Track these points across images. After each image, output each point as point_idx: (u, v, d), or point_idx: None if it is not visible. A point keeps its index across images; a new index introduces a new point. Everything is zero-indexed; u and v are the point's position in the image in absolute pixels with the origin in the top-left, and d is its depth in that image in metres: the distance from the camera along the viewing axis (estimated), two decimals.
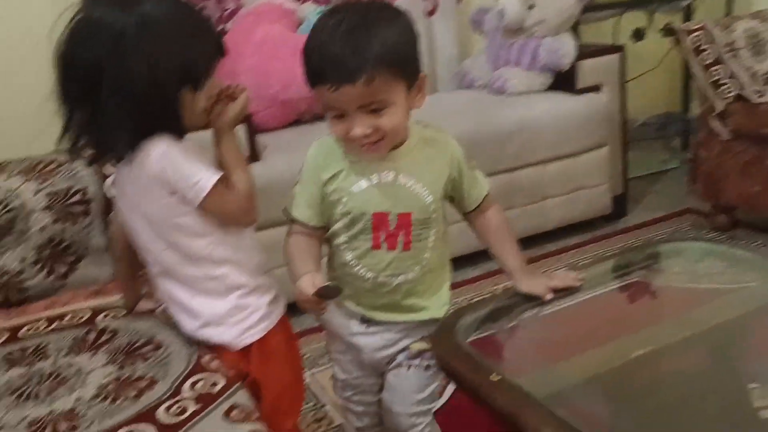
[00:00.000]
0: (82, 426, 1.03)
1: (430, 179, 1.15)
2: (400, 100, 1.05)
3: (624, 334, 1.31)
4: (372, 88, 1.00)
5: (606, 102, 2.63)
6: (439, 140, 1.18)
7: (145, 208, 1.16)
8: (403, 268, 1.16)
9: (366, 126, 1.04)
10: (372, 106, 1.03)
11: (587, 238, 2.68)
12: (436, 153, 1.16)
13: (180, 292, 1.21)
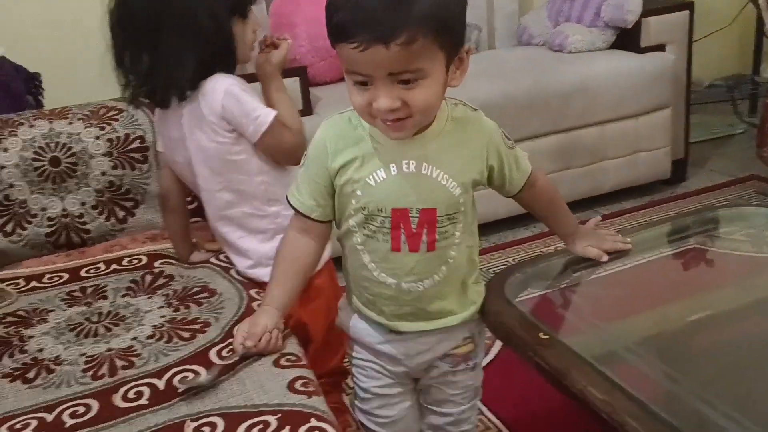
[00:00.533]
0: (138, 363, 1.07)
1: (459, 168, 0.97)
2: (438, 74, 0.87)
3: (680, 298, 1.28)
4: (409, 53, 0.82)
5: (671, 62, 2.53)
6: (473, 121, 1.00)
7: (205, 146, 1.20)
8: (428, 271, 0.99)
9: (393, 98, 0.85)
10: (404, 76, 0.85)
11: (643, 202, 2.61)
12: (469, 137, 0.98)
13: (233, 234, 1.27)
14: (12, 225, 1.45)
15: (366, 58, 0.83)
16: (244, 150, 1.21)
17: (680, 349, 1.10)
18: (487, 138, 1.00)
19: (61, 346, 1.13)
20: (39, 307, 1.26)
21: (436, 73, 0.87)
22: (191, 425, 0.91)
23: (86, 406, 0.98)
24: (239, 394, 0.97)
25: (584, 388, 0.91)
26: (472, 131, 0.99)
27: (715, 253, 1.47)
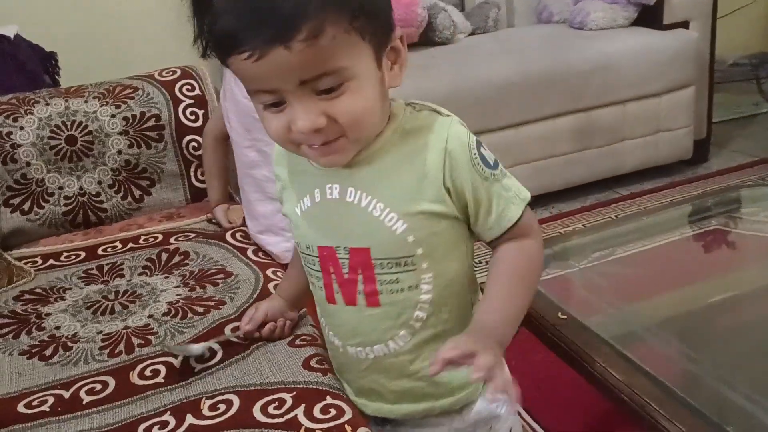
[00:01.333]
0: (155, 341, 1.07)
1: (400, 195, 0.72)
2: (368, 71, 0.68)
3: (700, 279, 1.26)
4: (319, 50, 0.62)
5: (694, 39, 2.47)
6: (428, 128, 0.73)
7: (239, 100, 1.24)
8: (377, 335, 0.77)
9: (315, 114, 0.66)
10: (323, 82, 0.65)
11: (664, 183, 2.57)
12: (417, 151, 0.72)
13: (252, 195, 1.31)
14: (29, 204, 1.45)
15: (266, 69, 0.63)
16: None
17: (700, 330, 1.09)
18: (446, 151, 0.72)
19: (78, 324, 1.14)
20: (56, 285, 1.26)
21: (364, 70, 0.67)
22: (207, 402, 0.91)
23: (103, 383, 0.98)
24: (255, 372, 0.97)
25: (603, 369, 0.90)
26: (422, 143, 0.72)
27: (736, 234, 1.45)
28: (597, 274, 1.22)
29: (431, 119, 0.74)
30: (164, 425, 0.88)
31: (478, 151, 0.72)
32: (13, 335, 1.11)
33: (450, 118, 0.74)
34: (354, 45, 0.65)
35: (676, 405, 0.84)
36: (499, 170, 0.74)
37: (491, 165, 0.73)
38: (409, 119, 0.74)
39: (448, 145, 0.72)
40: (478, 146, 0.73)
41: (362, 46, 0.66)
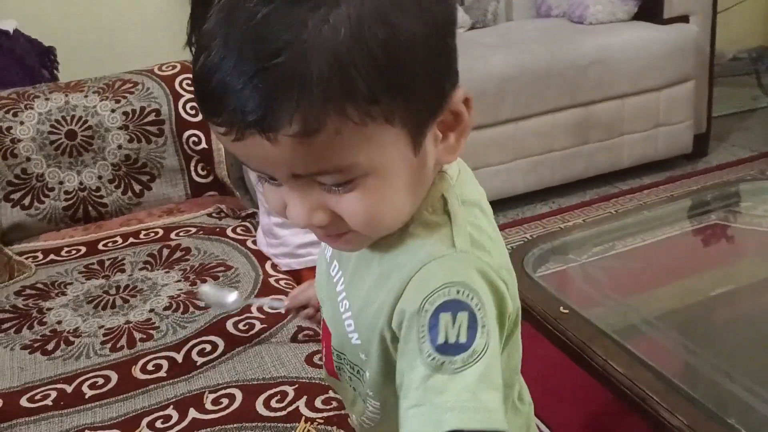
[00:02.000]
0: (156, 336, 1.07)
1: (363, 306, 0.57)
2: (395, 162, 0.50)
3: (700, 273, 1.27)
4: (316, 147, 0.46)
5: (694, 33, 2.47)
6: (419, 242, 0.54)
7: None
8: (350, 399, 0.67)
9: (313, 208, 0.51)
10: (323, 178, 0.49)
11: (664, 177, 2.57)
12: (398, 266, 0.54)
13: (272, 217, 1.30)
14: (29, 198, 1.45)
15: (248, 152, 0.48)
16: None
17: (701, 323, 1.09)
18: (403, 287, 0.52)
19: (80, 318, 1.14)
20: (57, 280, 1.27)
21: (389, 161, 0.49)
22: (210, 396, 0.92)
23: (105, 378, 0.98)
24: (257, 367, 0.97)
25: (605, 362, 0.90)
26: (405, 257, 0.54)
27: (736, 228, 1.46)
28: (598, 269, 1.23)
29: (435, 230, 0.54)
30: (167, 419, 0.89)
31: (436, 318, 0.49)
32: (15, 330, 1.12)
33: (451, 250, 0.52)
34: (373, 136, 0.47)
35: (677, 397, 0.84)
36: (455, 360, 0.48)
37: (448, 354, 0.48)
38: (426, 217, 0.55)
39: (409, 286, 0.52)
40: (446, 309, 0.49)
41: (389, 133, 0.48)
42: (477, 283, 0.51)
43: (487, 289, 0.51)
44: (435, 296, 0.50)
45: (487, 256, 0.53)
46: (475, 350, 0.48)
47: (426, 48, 0.48)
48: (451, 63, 0.52)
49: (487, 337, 0.49)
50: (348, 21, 0.45)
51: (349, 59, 0.44)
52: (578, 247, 1.24)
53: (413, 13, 0.47)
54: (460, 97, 0.52)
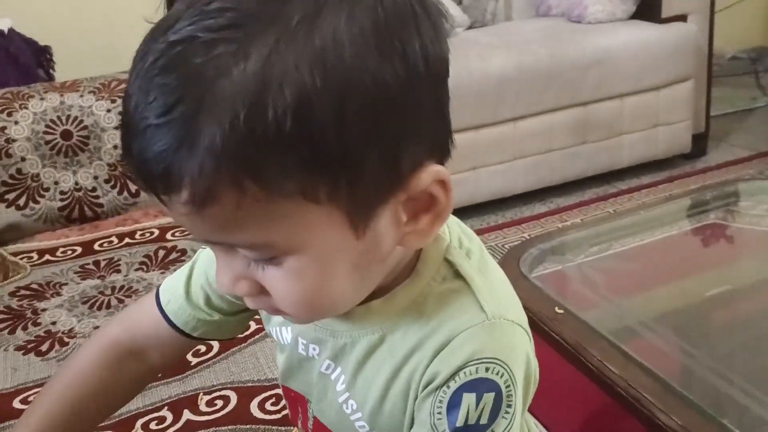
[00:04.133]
0: None
1: (386, 407, 0.50)
2: (327, 244, 0.42)
3: (697, 273, 1.26)
4: (215, 219, 0.39)
5: (693, 33, 2.47)
6: (442, 314, 0.48)
7: None
8: None
9: (233, 277, 0.44)
10: (242, 250, 0.43)
11: (662, 177, 2.57)
12: (420, 349, 0.48)
13: None
14: (25, 199, 1.44)
15: (173, 215, 0.41)
16: None
17: (697, 324, 1.09)
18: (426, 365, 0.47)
19: (75, 319, 1.13)
20: (52, 281, 1.26)
21: (321, 243, 0.42)
22: (204, 398, 0.91)
23: None
24: (252, 368, 0.97)
25: (600, 362, 0.90)
26: (426, 338, 0.47)
27: (734, 228, 1.45)
28: (594, 269, 1.22)
29: (454, 299, 0.47)
30: (162, 420, 0.88)
31: (458, 397, 0.45)
32: (9, 331, 1.11)
33: (481, 316, 0.46)
34: (289, 214, 0.39)
35: (673, 398, 0.84)
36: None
37: (467, 428, 0.45)
38: (438, 288, 0.48)
39: (435, 360, 0.46)
40: (472, 390, 0.45)
41: (315, 212, 0.40)
42: (511, 358, 0.45)
43: (521, 361, 0.46)
44: (461, 374, 0.44)
45: (519, 315, 0.48)
46: (493, 431, 0.45)
47: (378, 109, 0.38)
48: (421, 131, 0.42)
49: (510, 418, 0.45)
50: (268, 66, 0.36)
51: (253, 120, 0.36)
52: (575, 247, 1.23)
53: (377, 56, 0.38)
54: (430, 179, 0.42)
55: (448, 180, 0.43)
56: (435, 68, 0.43)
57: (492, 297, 0.47)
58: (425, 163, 0.42)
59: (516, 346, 0.46)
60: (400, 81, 0.39)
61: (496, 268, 0.51)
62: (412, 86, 0.40)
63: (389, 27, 0.39)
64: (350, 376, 0.52)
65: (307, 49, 0.37)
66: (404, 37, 0.40)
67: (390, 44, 0.39)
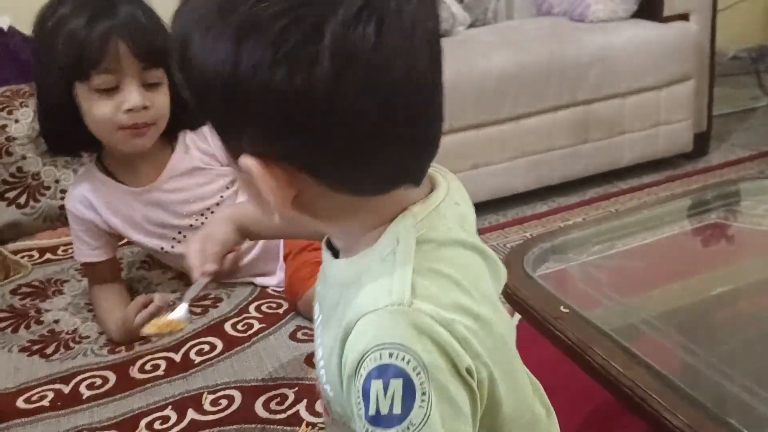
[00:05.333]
0: (154, 338, 1.06)
1: (328, 352, 0.54)
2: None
3: (700, 272, 1.26)
4: None
5: (694, 32, 2.47)
6: (359, 284, 0.51)
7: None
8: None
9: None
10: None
11: (664, 176, 2.57)
12: (345, 314, 0.51)
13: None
14: (25, 197, 1.44)
15: None
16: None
17: (701, 323, 1.09)
18: (345, 338, 0.49)
19: (78, 320, 1.13)
20: (53, 278, 1.26)
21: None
22: (209, 397, 0.91)
23: (103, 378, 0.98)
24: (255, 367, 0.97)
25: (605, 361, 0.90)
26: (352, 301, 0.50)
27: (736, 227, 1.45)
28: (597, 268, 1.22)
29: (381, 274, 0.49)
30: (166, 420, 0.88)
31: (368, 384, 0.46)
32: (12, 330, 1.11)
33: (386, 300, 0.47)
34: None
35: (677, 397, 0.84)
36: (393, 430, 0.45)
37: (381, 418, 0.45)
38: (375, 266, 0.50)
39: (348, 338, 0.49)
40: (378, 376, 0.45)
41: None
42: (415, 343, 0.45)
43: (431, 347, 0.46)
44: (367, 360, 0.46)
45: (432, 307, 0.47)
46: (411, 422, 0.45)
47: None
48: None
49: (427, 407, 0.45)
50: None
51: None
52: (578, 246, 1.23)
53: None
54: (247, 165, 0.48)
55: (255, 172, 0.48)
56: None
57: (405, 284, 0.47)
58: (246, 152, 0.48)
59: (425, 333, 0.46)
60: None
61: (452, 266, 0.51)
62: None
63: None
64: (321, 321, 0.57)
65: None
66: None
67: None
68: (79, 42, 0.96)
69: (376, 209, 0.51)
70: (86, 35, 0.96)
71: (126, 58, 0.98)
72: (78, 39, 0.96)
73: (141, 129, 1.03)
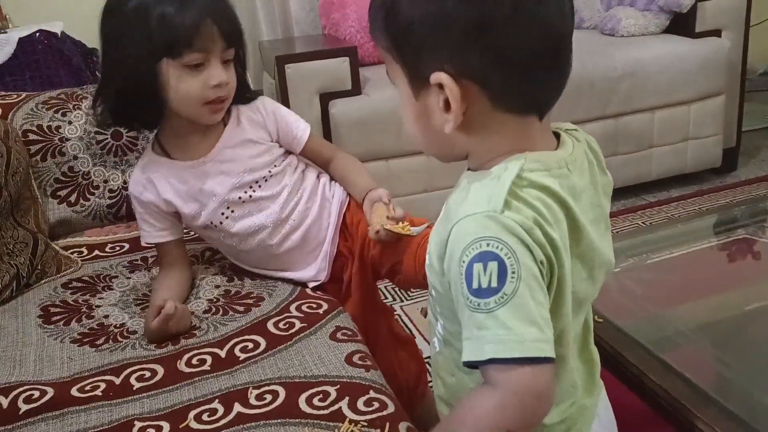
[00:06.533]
0: (199, 333, 1.10)
1: (434, 236, 0.71)
2: (402, 89, 0.72)
3: (729, 288, 1.27)
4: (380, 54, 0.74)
5: (726, 48, 2.48)
6: (462, 200, 0.67)
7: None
8: (431, 319, 0.82)
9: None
10: None
11: (692, 191, 2.58)
12: (451, 214, 0.67)
13: None
14: (76, 196, 1.49)
15: None
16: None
17: (734, 336, 1.10)
18: (448, 233, 0.65)
19: (127, 316, 1.17)
20: (102, 274, 1.30)
21: (400, 86, 0.71)
22: (254, 392, 0.94)
23: (152, 371, 1.01)
24: (298, 364, 1.00)
25: (640, 371, 0.92)
26: (457, 205, 0.66)
27: (764, 242, 1.46)
28: (630, 279, 1.24)
29: (484, 188, 0.65)
30: (213, 412, 0.91)
31: (471, 267, 0.61)
32: (64, 323, 1.15)
33: (484, 208, 0.62)
34: (389, 62, 0.71)
35: (712, 408, 0.86)
36: (492, 299, 0.60)
37: (482, 290, 0.61)
38: (482, 181, 0.66)
39: (450, 233, 0.64)
40: (479, 260, 0.60)
41: (394, 65, 0.71)
42: (507, 237, 0.60)
43: (516, 241, 0.60)
44: (470, 249, 0.61)
45: (518, 217, 0.61)
46: (505, 293, 0.60)
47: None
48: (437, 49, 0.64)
49: (516, 282, 0.60)
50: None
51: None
52: None
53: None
54: (435, 80, 0.64)
55: (447, 83, 0.64)
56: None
57: (503, 200, 0.62)
58: (440, 69, 0.64)
59: (512, 232, 0.61)
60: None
61: (537, 200, 0.64)
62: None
63: None
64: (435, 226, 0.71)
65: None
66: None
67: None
68: (175, 23, 1.05)
69: (511, 135, 0.67)
70: (181, 17, 1.05)
71: (215, 38, 1.08)
72: (173, 20, 1.05)
73: (220, 104, 1.12)
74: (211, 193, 1.17)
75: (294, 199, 1.21)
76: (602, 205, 0.74)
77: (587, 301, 0.75)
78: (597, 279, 0.73)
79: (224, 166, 1.18)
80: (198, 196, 1.18)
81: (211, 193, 1.17)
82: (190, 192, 1.18)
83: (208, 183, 1.17)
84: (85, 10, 2.37)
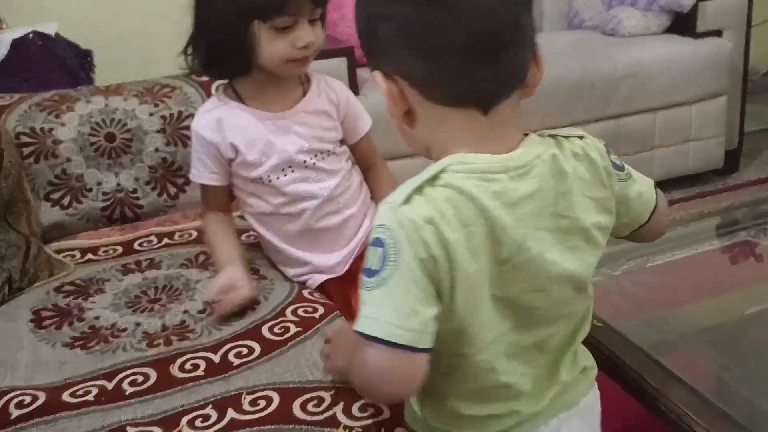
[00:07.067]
0: (193, 336, 1.09)
1: None
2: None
3: (730, 290, 1.26)
4: None
5: (728, 48, 2.46)
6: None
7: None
8: None
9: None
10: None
11: (693, 192, 2.56)
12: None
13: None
14: (69, 198, 1.48)
15: None
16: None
17: (734, 340, 1.09)
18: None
19: (117, 315, 1.16)
20: (95, 277, 1.29)
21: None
22: (248, 398, 0.93)
23: (144, 375, 1.00)
24: (293, 369, 0.99)
25: (639, 376, 0.91)
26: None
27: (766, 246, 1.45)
28: (630, 282, 1.23)
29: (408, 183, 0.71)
30: (206, 418, 0.90)
31: (369, 248, 0.69)
32: (56, 327, 1.14)
33: (392, 200, 0.69)
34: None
35: (711, 413, 0.85)
36: (373, 280, 0.68)
37: (370, 271, 0.68)
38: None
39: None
40: (374, 244, 0.68)
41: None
42: (395, 228, 0.66)
43: (403, 234, 0.66)
44: (373, 233, 0.68)
45: (413, 213, 0.66)
46: (383, 277, 0.66)
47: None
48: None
49: (393, 270, 0.65)
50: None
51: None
52: (612, 260, 1.24)
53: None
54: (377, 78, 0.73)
55: (378, 80, 0.73)
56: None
57: (405, 195, 0.67)
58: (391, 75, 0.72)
59: (399, 223, 0.66)
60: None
61: (446, 201, 0.68)
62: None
63: None
64: None
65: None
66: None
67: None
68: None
69: (455, 129, 0.71)
70: None
71: (304, 1, 1.11)
72: None
73: (305, 60, 1.16)
74: (280, 148, 1.20)
75: (345, 184, 1.25)
76: (576, 218, 0.73)
77: (549, 316, 0.74)
78: (553, 293, 0.72)
79: (299, 127, 1.21)
80: (265, 147, 1.19)
81: (279, 148, 1.20)
82: (259, 141, 1.19)
83: (279, 138, 1.19)
84: (80, 11, 2.38)
